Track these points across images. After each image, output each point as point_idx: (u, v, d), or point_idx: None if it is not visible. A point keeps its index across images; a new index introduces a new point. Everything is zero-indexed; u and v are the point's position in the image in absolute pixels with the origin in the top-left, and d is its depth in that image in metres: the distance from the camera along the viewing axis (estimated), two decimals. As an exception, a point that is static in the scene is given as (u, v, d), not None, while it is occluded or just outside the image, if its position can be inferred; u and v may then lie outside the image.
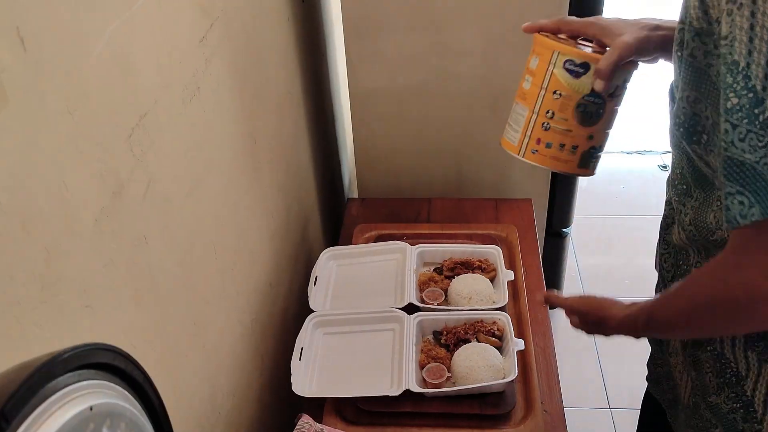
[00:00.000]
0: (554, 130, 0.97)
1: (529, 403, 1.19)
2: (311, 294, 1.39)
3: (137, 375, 0.53)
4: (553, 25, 0.99)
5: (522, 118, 1.01)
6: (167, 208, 0.90)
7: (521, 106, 1.01)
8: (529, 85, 0.99)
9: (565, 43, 0.97)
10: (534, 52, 0.99)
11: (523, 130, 1.01)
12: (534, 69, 0.98)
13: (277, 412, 1.37)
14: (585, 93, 0.95)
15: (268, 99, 1.38)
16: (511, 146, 1.03)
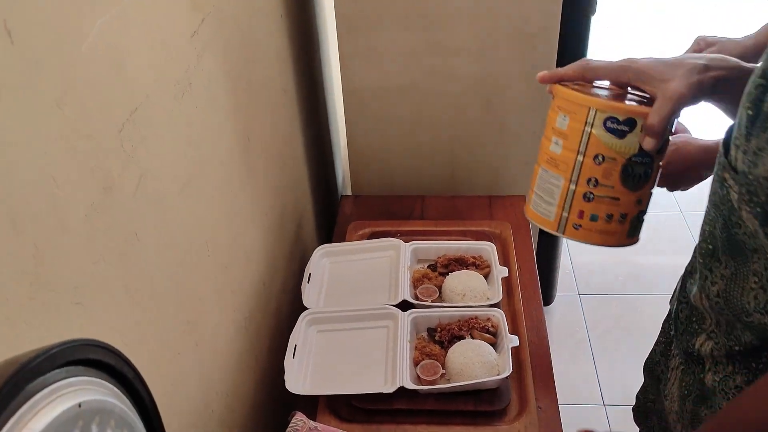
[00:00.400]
0: (599, 200, 0.84)
1: (524, 399, 1.19)
2: (305, 291, 1.38)
3: (128, 372, 0.52)
4: (575, 73, 0.85)
5: (556, 188, 0.85)
6: (159, 204, 0.89)
7: (552, 174, 0.86)
8: (560, 150, 0.84)
9: (599, 95, 0.83)
10: (559, 108, 0.85)
11: (559, 203, 0.85)
12: (564, 130, 0.83)
13: (271, 411, 1.37)
14: (632, 154, 0.81)
15: (261, 96, 1.37)
16: (545, 221, 0.88)
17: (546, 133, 0.88)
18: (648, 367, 1.10)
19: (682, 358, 0.94)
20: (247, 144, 1.27)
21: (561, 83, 0.86)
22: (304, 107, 1.74)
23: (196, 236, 1.02)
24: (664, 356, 1.05)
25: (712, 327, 0.83)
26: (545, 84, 0.89)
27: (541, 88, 1.66)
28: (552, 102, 0.87)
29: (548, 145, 0.87)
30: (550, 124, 0.87)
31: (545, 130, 0.89)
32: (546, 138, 0.88)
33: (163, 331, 0.90)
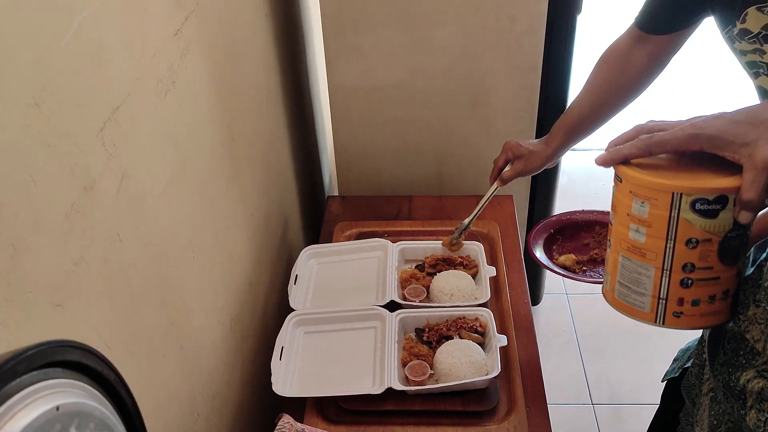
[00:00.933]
0: (699, 284, 0.78)
1: (512, 399, 1.18)
2: (291, 293, 1.37)
3: (108, 374, 0.51)
4: (640, 151, 0.76)
5: (647, 278, 0.80)
6: (142, 204, 0.88)
7: (638, 263, 0.81)
8: (644, 238, 0.79)
9: (680, 175, 0.76)
10: (634, 194, 0.78)
11: (654, 294, 0.81)
12: (645, 218, 0.77)
13: (258, 413, 1.35)
14: (728, 230, 0.75)
15: (246, 96, 1.36)
16: (639, 312, 0.83)
17: (618, 218, 0.82)
18: (686, 388, 1.06)
19: (718, 386, 0.89)
20: (232, 144, 1.25)
21: (625, 164, 0.79)
22: (290, 107, 1.73)
23: (179, 237, 1.00)
24: (698, 379, 1.01)
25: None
26: (607, 167, 0.81)
27: (528, 88, 1.68)
28: (619, 185, 0.80)
29: (625, 232, 0.81)
30: (623, 210, 0.80)
31: (615, 214, 0.83)
32: (620, 224, 0.82)
33: (147, 333, 0.88)
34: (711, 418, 0.91)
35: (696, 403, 0.99)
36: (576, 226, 1.39)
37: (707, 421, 0.92)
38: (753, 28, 0.98)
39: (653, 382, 2.13)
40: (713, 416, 0.90)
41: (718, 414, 0.89)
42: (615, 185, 0.82)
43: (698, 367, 1.00)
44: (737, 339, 0.84)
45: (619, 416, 2.02)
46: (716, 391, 0.91)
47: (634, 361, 2.19)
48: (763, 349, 0.78)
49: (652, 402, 2.02)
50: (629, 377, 2.13)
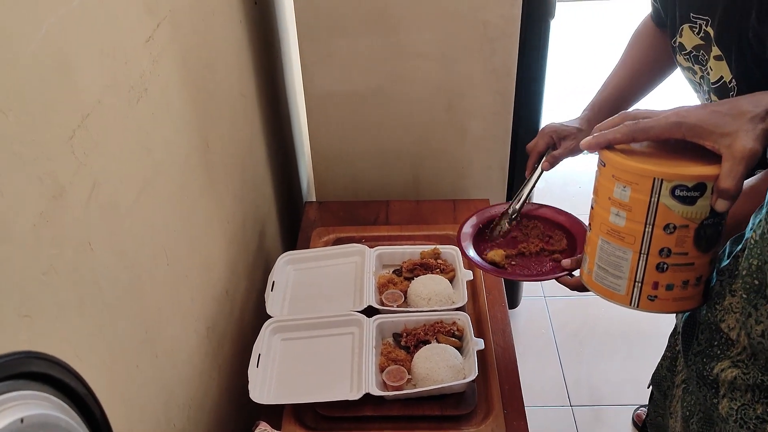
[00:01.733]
0: (674, 269, 0.81)
1: (490, 403, 1.19)
2: (268, 299, 1.36)
3: (76, 385, 0.50)
4: (624, 136, 0.78)
5: (624, 261, 0.83)
6: (114, 212, 0.87)
7: (617, 246, 0.83)
8: (623, 221, 0.80)
9: (661, 162, 0.78)
10: (616, 178, 0.79)
11: (630, 277, 0.83)
12: (626, 201, 0.79)
13: (236, 421, 1.34)
14: (704, 217, 0.77)
15: (220, 102, 1.35)
16: (614, 295, 0.85)
17: (600, 202, 0.83)
18: (656, 381, 1.07)
19: (691, 377, 0.91)
20: (206, 151, 1.25)
21: (609, 148, 0.81)
22: (265, 113, 1.73)
23: (153, 245, 0.99)
24: (670, 371, 1.02)
25: (743, 357, 0.80)
26: (592, 151, 0.83)
27: (503, 93, 1.69)
28: (602, 169, 0.82)
29: (605, 215, 0.82)
30: (605, 194, 0.82)
31: (597, 197, 0.84)
32: (601, 207, 0.83)
33: (120, 343, 0.87)
34: (684, 409, 0.91)
35: (668, 395, 1.00)
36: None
37: (680, 413, 0.92)
38: (687, 45, 1.00)
39: (632, 384, 2.16)
40: (686, 407, 0.91)
41: (690, 405, 0.90)
42: (598, 169, 0.83)
43: (670, 360, 1.01)
44: (712, 330, 0.85)
45: (598, 418, 2.03)
46: (689, 381, 0.91)
47: (612, 363, 2.20)
48: (737, 337, 0.80)
49: (631, 403, 2.05)
50: (608, 379, 2.15)
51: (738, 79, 0.91)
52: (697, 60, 0.98)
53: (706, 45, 0.94)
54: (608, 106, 1.26)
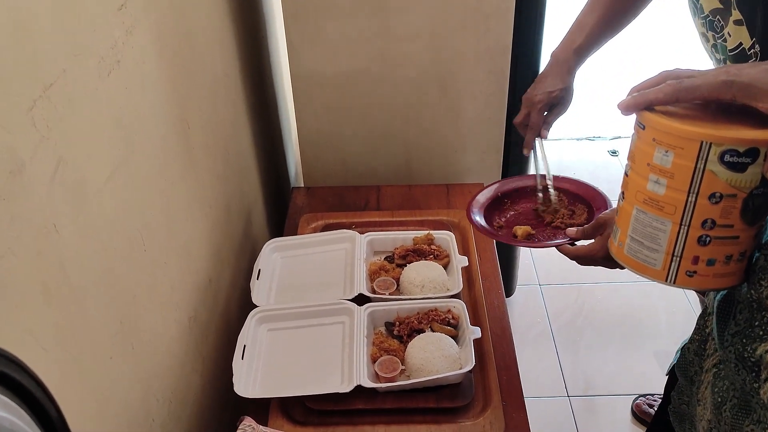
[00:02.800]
0: (717, 243, 0.74)
1: (488, 394, 1.13)
2: (254, 288, 1.30)
3: (28, 383, 0.43)
4: (667, 97, 0.72)
5: (661, 233, 0.76)
6: (83, 192, 0.80)
7: (654, 217, 0.77)
8: (663, 190, 0.74)
9: (709, 124, 0.71)
10: (657, 142, 0.74)
11: (668, 250, 0.77)
12: (668, 168, 0.73)
13: (221, 416, 1.28)
14: (754, 186, 0.71)
15: (201, 80, 1.28)
16: (649, 270, 0.79)
17: (636, 168, 0.77)
18: (681, 366, 1.01)
19: (727, 359, 0.85)
20: (186, 131, 1.18)
21: (649, 109, 0.74)
22: (250, 94, 1.66)
23: (128, 229, 0.92)
24: (698, 355, 0.96)
25: None
26: (631, 113, 0.77)
27: (498, 72, 1.62)
28: (640, 132, 0.76)
29: (642, 183, 0.76)
30: (643, 160, 0.76)
31: (633, 163, 0.78)
32: (638, 174, 0.77)
33: (90, 334, 0.81)
34: (715, 395, 0.86)
35: (695, 381, 0.94)
36: (527, 189, 1.31)
37: (710, 399, 0.87)
38: (705, 7, 0.93)
39: (630, 373, 2.11)
40: (717, 393, 0.85)
41: (723, 390, 0.84)
42: (635, 133, 0.77)
43: (698, 343, 0.95)
44: (753, 308, 0.79)
45: (596, 408, 1.98)
46: (725, 364, 0.86)
47: (609, 352, 2.16)
48: None
49: (629, 393, 2.00)
50: (605, 368, 2.10)
51: (762, 44, 0.85)
52: (712, 26, 0.92)
53: (725, 9, 0.88)
54: (590, 47, 1.19)
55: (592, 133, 3.23)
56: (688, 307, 2.28)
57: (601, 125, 3.24)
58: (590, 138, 3.22)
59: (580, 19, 1.19)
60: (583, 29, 1.18)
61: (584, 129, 3.24)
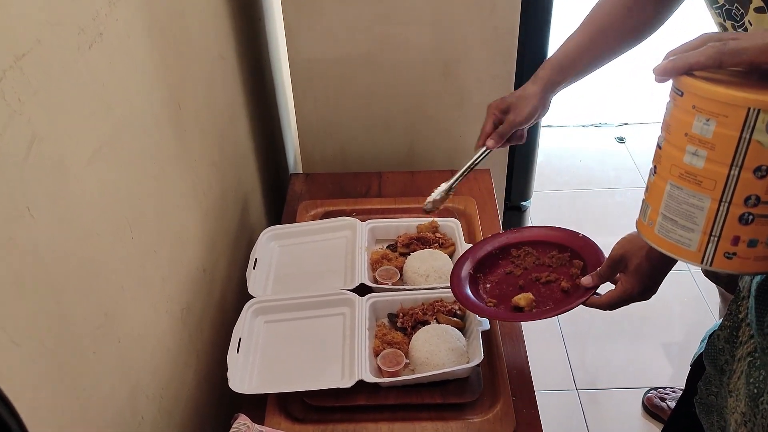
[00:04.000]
0: (760, 222, 0.68)
1: (497, 389, 1.07)
2: (250, 278, 1.24)
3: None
4: (710, 60, 0.66)
5: (698, 211, 0.70)
6: (61, 174, 0.74)
7: (691, 192, 0.70)
8: (703, 163, 0.68)
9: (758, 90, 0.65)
10: (697, 110, 0.67)
11: (705, 230, 0.70)
12: (708, 138, 0.67)
13: (216, 413, 1.22)
14: None
15: (195, 61, 1.22)
16: (683, 251, 0.73)
17: (672, 139, 0.71)
18: (709, 355, 0.94)
19: (766, 347, 0.79)
20: (178, 113, 1.12)
21: (689, 74, 0.68)
22: (247, 78, 1.59)
23: (113, 215, 0.86)
24: (729, 343, 0.90)
25: None
26: (667, 78, 0.70)
27: (504, 54, 1.56)
28: (678, 99, 0.70)
29: (679, 156, 0.70)
30: (680, 129, 0.69)
31: (668, 134, 0.72)
32: (673, 146, 0.71)
33: (70, 327, 0.75)
34: (750, 386, 0.79)
35: (725, 371, 0.88)
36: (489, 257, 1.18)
37: (744, 390, 0.80)
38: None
39: (640, 366, 2.05)
40: (753, 384, 0.79)
41: (759, 381, 0.78)
42: (672, 101, 0.71)
43: (729, 330, 0.88)
44: None
45: (605, 402, 1.93)
46: (763, 352, 0.79)
47: (619, 345, 2.10)
48: None
49: (640, 386, 1.94)
50: (614, 361, 2.04)
51: None
52: (730, 15, 0.85)
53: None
54: (561, 63, 1.11)
55: (599, 119, 3.17)
56: (699, 297, 2.22)
57: (608, 112, 3.17)
58: (596, 125, 3.15)
59: (566, 39, 1.13)
60: (565, 46, 1.12)
61: (590, 115, 3.17)
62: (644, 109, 3.19)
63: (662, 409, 1.81)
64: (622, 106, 3.20)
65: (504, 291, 1.12)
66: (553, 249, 1.15)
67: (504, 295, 1.10)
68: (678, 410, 1.16)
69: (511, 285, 1.12)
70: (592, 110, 3.17)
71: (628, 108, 3.19)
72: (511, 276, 1.14)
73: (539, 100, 1.13)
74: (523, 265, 1.15)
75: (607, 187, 2.76)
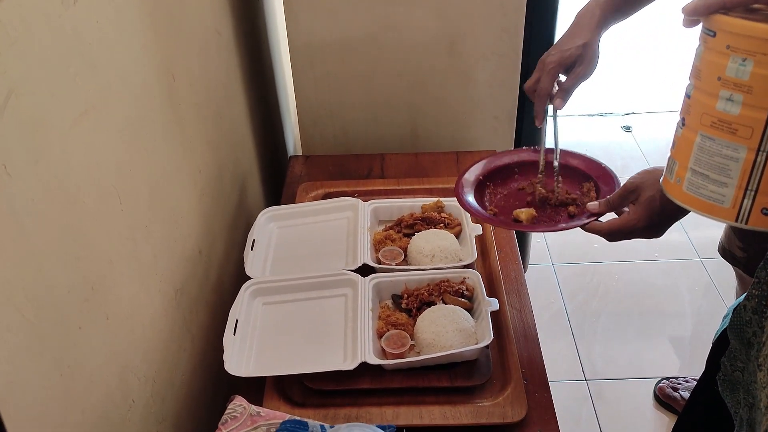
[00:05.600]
0: None
1: (507, 371, 1.01)
2: (247, 259, 1.19)
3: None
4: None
5: (734, 163, 0.65)
6: (42, 133, 0.69)
7: (724, 142, 0.65)
8: (738, 108, 0.63)
9: None
10: (733, 49, 0.62)
11: (740, 184, 0.65)
12: (745, 81, 0.61)
13: (213, 397, 1.17)
14: None
15: (188, 33, 1.16)
16: (715, 208, 0.68)
17: (703, 85, 0.66)
18: (736, 327, 0.87)
19: None
20: (171, 84, 1.06)
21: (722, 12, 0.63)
22: (244, 57, 1.54)
23: (100, 183, 0.81)
24: (757, 314, 0.83)
25: None
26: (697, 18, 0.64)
27: (511, 30, 1.50)
28: (710, 41, 0.64)
29: (711, 103, 0.65)
30: (712, 73, 0.64)
31: (698, 80, 0.66)
32: (704, 93, 0.66)
33: (53, 297, 0.70)
34: None
35: (753, 343, 0.81)
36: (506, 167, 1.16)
37: None
38: None
39: (650, 355, 1.99)
40: None
41: None
42: (702, 43, 0.65)
43: (758, 299, 0.82)
44: None
45: (615, 392, 1.87)
46: None
47: (628, 334, 2.04)
48: None
49: (651, 376, 1.88)
50: (624, 351, 1.98)
51: None
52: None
53: None
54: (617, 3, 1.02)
55: (605, 108, 3.11)
56: (711, 285, 2.16)
57: (614, 101, 3.11)
58: (602, 114, 3.10)
59: None
60: None
61: (596, 104, 3.12)
62: (650, 98, 3.13)
63: (675, 399, 1.76)
64: (628, 96, 3.14)
65: (510, 204, 1.10)
66: (572, 173, 1.13)
67: (508, 208, 1.09)
68: (694, 398, 1.10)
69: (518, 200, 1.11)
70: (597, 100, 3.11)
71: (633, 97, 3.14)
72: (522, 192, 1.13)
73: (599, 45, 1.04)
74: (539, 184, 1.12)
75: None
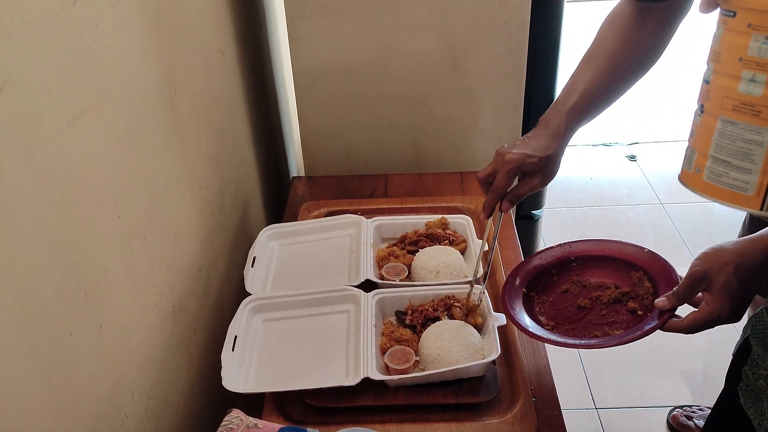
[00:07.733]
0: None
1: (515, 388, 0.98)
2: (248, 276, 1.16)
3: None
4: None
5: (758, 147, 0.62)
6: (36, 129, 0.67)
7: (750, 126, 0.62)
8: (762, 89, 0.60)
9: None
10: (757, 29, 0.59)
11: (765, 169, 0.62)
12: (766, 59, 0.59)
13: (208, 421, 1.13)
14: None
15: (190, 48, 1.16)
16: (739, 197, 0.65)
17: (723, 68, 0.64)
18: (758, 332, 0.83)
19: None
20: (173, 96, 1.05)
21: None
22: (248, 77, 1.54)
23: (96, 187, 0.79)
24: None
25: None
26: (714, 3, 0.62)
27: (515, 50, 1.49)
28: (730, 21, 0.62)
29: (732, 85, 0.62)
30: (734, 54, 0.62)
31: (718, 64, 0.64)
32: (725, 75, 0.63)
33: (43, 300, 0.67)
34: None
35: None
36: (542, 272, 1.07)
37: None
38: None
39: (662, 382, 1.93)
40: None
41: None
42: (721, 26, 0.63)
43: None
44: None
45: (627, 421, 1.81)
46: None
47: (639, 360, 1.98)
48: None
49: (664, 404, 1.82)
50: (634, 378, 1.93)
51: None
52: None
53: None
54: (578, 109, 0.98)
55: (609, 138, 3.10)
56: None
57: (618, 131, 3.11)
58: (607, 144, 3.09)
59: (572, 80, 1.00)
60: (576, 88, 0.98)
61: (601, 134, 3.11)
62: (655, 127, 3.13)
63: (689, 428, 1.70)
64: (632, 126, 3.14)
65: (561, 311, 1.00)
66: (615, 264, 1.02)
67: (561, 316, 0.99)
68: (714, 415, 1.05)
69: (566, 303, 1.01)
70: (601, 129, 3.11)
71: (638, 127, 3.13)
72: (568, 294, 1.03)
73: (560, 154, 1.00)
74: (581, 282, 1.03)
75: (619, 204, 2.68)
